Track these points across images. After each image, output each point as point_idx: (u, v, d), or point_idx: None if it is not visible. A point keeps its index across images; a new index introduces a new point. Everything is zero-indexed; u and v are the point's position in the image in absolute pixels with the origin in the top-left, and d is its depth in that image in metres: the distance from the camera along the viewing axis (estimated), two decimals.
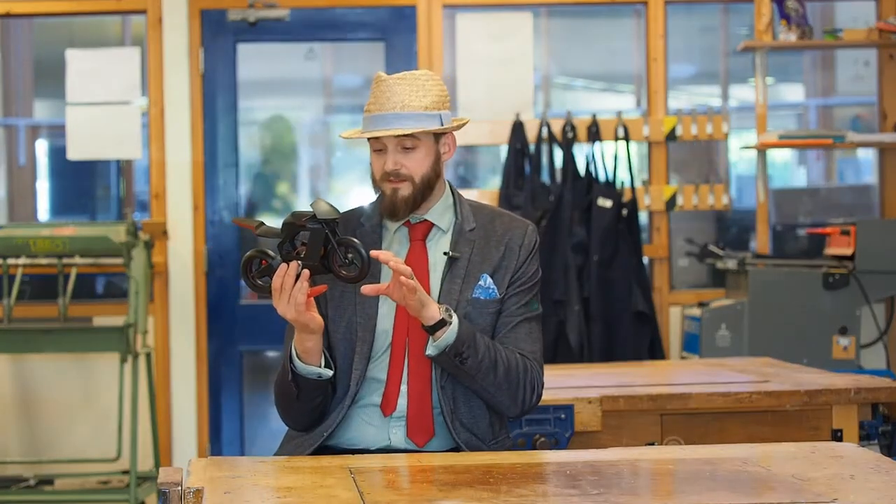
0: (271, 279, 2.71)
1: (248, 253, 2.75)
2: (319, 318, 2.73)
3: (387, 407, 2.84)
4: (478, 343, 2.78)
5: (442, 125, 2.85)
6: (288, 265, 2.68)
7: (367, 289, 2.72)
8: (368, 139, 2.86)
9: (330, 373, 2.80)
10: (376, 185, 2.89)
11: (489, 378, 2.80)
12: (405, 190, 2.84)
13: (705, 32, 7.48)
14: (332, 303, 2.88)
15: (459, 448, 2.84)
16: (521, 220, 2.97)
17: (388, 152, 2.84)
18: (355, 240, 2.71)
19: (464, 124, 2.91)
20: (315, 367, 2.78)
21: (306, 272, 2.69)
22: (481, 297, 2.86)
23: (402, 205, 2.85)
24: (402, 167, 2.84)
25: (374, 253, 2.70)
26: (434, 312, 2.73)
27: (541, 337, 2.93)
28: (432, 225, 2.91)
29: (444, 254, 2.87)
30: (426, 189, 2.87)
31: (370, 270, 2.71)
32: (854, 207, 6.78)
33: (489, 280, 2.87)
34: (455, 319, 2.75)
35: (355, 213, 2.97)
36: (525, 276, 2.91)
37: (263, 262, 2.73)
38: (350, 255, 2.69)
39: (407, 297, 2.69)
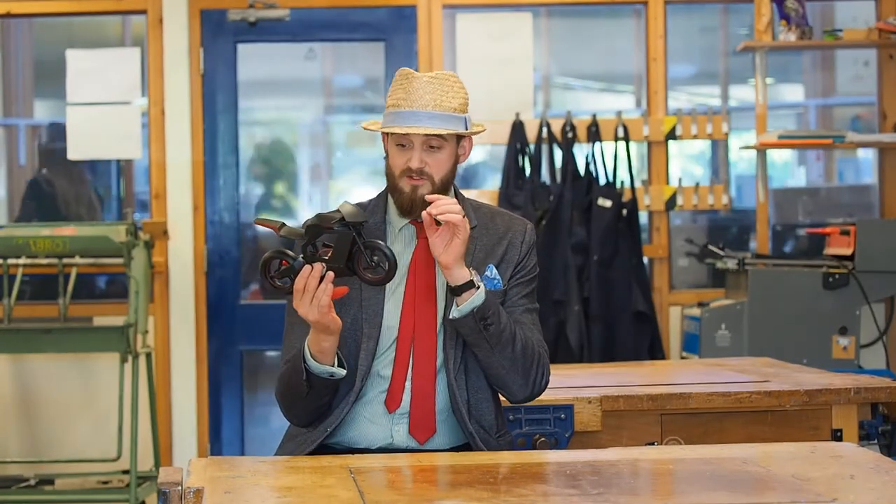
0: (290, 280, 2.69)
1: (267, 254, 2.73)
2: (339, 320, 2.74)
3: (392, 403, 2.84)
4: (501, 311, 2.80)
5: (466, 129, 2.87)
6: (312, 267, 2.68)
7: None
8: (392, 133, 2.86)
9: (343, 372, 2.80)
10: (394, 179, 2.88)
11: (507, 350, 2.81)
12: (425, 189, 2.85)
13: (705, 32, 7.48)
14: (337, 300, 2.88)
15: (466, 443, 2.85)
16: (520, 219, 3.01)
17: (413, 149, 2.84)
18: (381, 242, 2.70)
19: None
20: (329, 366, 2.78)
21: (330, 274, 2.68)
22: (488, 288, 2.87)
23: (420, 203, 2.85)
24: (426, 165, 2.84)
25: (429, 197, 2.73)
26: (464, 273, 2.75)
27: (541, 328, 2.96)
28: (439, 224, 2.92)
29: None
30: (443, 190, 2.88)
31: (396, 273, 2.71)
32: (854, 207, 6.78)
33: (495, 271, 2.88)
34: (483, 284, 2.76)
35: None
36: (526, 268, 2.94)
37: (284, 262, 2.72)
38: (376, 258, 2.69)
39: (453, 241, 2.70)
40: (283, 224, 2.73)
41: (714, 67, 7.58)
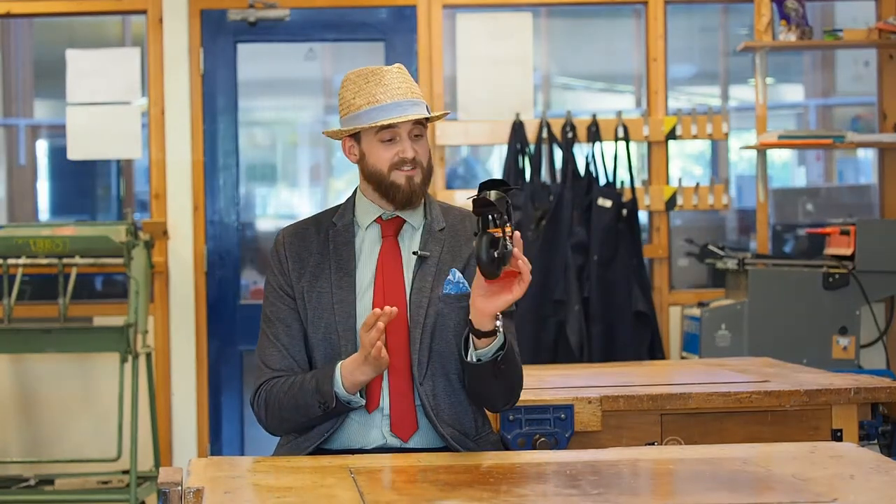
0: (498, 252, 2.57)
1: (492, 195, 2.59)
2: (388, 360, 2.73)
3: (370, 403, 2.85)
4: (510, 352, 2.77)
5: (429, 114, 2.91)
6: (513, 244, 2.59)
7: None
8: (377, 131, 2.85)
9: (363, 402, 2.81)
10: (383, 176, 2.87)
11: (506, 378, 2.81)
12: (418, 177, 2.87)
13: (705, 32, 7.49)
14: (310, 304, 2.88)
15: (446, 442, 2.84)
16: None
17: (402, 140, 2.85)
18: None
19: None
20: (353, 396, 2.80)
21: (393, 310, 2.65)
22: (452, 293, 2.87)
23: (418, 191, 2.87)
24: (416, 154, 2.86)
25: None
26: (493, 322, 2.72)
27: (515, 333, 2.94)
28: (403, 222, 2.92)
29: (414, 253, 2.89)
30: (430, 176, 2.91)
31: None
32: (854, 207, 6.78)
33: (458, 275, 2.88)
34: (501, 332, 2.75)
35: (327, 214, 2.99)
36: None
37: (497, 231, 2.59)
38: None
39: (503, 296, 2.66)
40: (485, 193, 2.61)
41: (714, 67, 7.59)
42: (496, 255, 2.56)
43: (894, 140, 5.74)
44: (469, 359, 2.76)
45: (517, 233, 2.63)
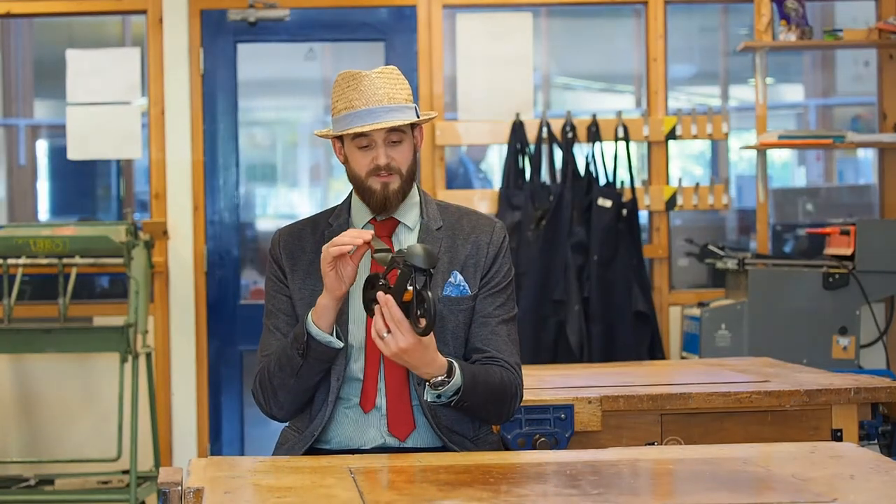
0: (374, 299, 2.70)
1: (369, 275, 2.74)
2: (343, 289, 2.74)
3: (366, 403, 2.84)
4: (477, 387, 2.77)
5: (418, 117, 2.87)
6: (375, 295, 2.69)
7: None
8: (353, 136, 2.85)
9: (340, 344, 2.80)
10: (361, 181, 2.87)
11: (479, 409, 2.82)
12: (395, 183, 2.85)
13: (705, 32, 7.50)
14: (303, 301, 2.89)
15: (444, 443, 2.85)
16: (489, 219, 2.97)
17: (376, 147, 2.84)
18: (430, 296, 2.63)
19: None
20: (327, 334, 2.78)
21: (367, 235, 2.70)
22: (452, 295, 2.86)
23: (393, 198, 2.85)
24: (392, 160, 2.84)
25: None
26: (440, 370, 2.72)
27: (518, 338, 2.93)
28: (398, 223, 2.92)
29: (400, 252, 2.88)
30: (411, 181, 2.88)
31: (434, 329, 2.67)
32: (854, 207, 6.79)
33: (459, 277, 2.87)
34: (457, 373, 2.74)
35: (324, 215, 2.99)
36: (498, 275, 2.90)
37: (373, 286, 2.72)
38: (419, 311, 2.65)
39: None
40: (388, 252, 2.73)
41: (714, 67, 7.60)
42: (369, 297, 2.72)
43: (894, 140, 5.74)
44: (424, 397, 2.78)
45: (387, 297, 2.64)
